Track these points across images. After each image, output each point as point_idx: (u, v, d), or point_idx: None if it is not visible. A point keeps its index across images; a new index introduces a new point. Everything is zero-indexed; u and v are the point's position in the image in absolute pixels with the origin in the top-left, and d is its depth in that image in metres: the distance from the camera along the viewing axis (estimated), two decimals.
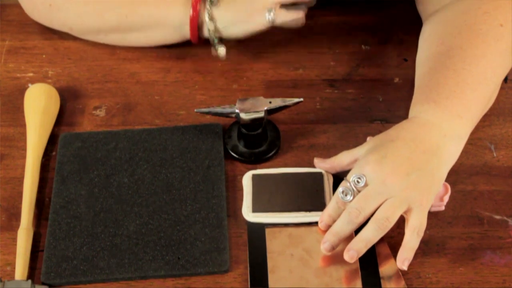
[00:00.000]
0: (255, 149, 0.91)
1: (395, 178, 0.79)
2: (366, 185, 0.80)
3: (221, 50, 0.96)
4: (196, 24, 0.95)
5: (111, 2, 0.97)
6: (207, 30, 0.95)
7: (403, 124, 0.84)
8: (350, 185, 0.80)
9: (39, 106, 0.93)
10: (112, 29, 0.99)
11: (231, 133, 0.92)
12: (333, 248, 0.81)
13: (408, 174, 0.79)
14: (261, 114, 0.88)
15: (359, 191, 0.80)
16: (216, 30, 0.95)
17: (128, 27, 0.98)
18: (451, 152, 0.83)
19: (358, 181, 0.80)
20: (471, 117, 0.85)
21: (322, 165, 0.88)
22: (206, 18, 0.95)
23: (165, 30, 0.98)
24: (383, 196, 0.79)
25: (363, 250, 0.79)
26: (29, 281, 0.79)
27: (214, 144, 0.91)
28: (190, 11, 0.94)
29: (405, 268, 0.79)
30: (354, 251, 0.79)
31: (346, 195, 0.80)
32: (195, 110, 0.91)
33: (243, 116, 0.88)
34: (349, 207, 0.80)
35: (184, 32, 0.97)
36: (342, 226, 0.80)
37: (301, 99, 0.90)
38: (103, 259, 0.82)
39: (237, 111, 0.88)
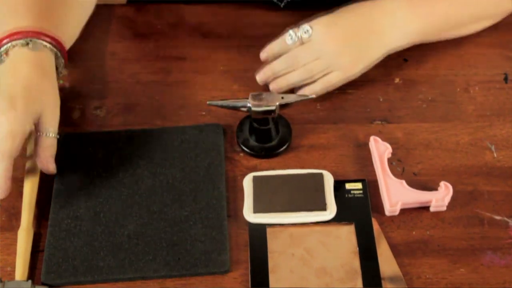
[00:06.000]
0: (266, 144, 0.91)
1: (334, 43, 0.91)
2: (309, 40, 0.91)
3: None
4: None
5: None
6: None
7: (365, 1, 0.93)
8: (297, 33, 0.91)
9: None
10: None
11: (242, 127, 0.92)
12: (265, 82, 0.94)
13: (347, 43, 0.91)
14: (273, 108, 0.88)
15: (302, 43, 0.92)
16: None
17: None
18: (393, 40, 0.93)
19: (305, 32, 0.91)
20: (427, 24, 0.94)
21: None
22: None
23: None
24: (317, 54, 0.91)
25: (282, 87, 0.93)
26: (29, 281, 0.79)
27: (214, 144, 0.91)
28: None
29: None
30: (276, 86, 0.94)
31: (290, 39, 0.92)
32: (208, 102, 0.91)
33: (255, 110, 0.88)
34: (289, 55, 0.92)
35: None
36: (280, 66, 0.92)
37: (314, 95, 0.91)
38: (103, 259, 0.82)
39: (249, 105, 0.88)
